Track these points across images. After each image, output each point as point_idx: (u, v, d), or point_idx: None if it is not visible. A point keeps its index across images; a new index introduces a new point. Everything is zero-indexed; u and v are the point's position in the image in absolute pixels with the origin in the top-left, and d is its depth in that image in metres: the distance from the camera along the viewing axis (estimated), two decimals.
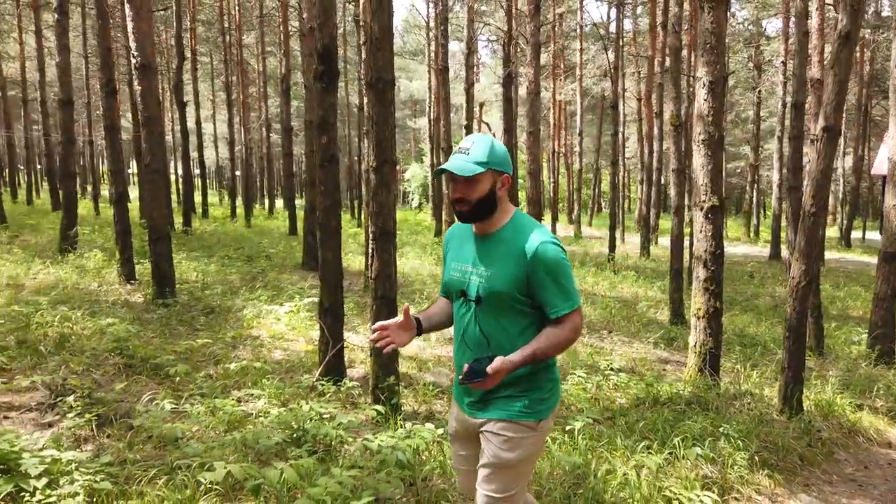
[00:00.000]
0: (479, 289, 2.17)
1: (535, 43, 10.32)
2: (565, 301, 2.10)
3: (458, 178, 2.13)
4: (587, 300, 9.93)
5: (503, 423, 2.15)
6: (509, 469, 2.16)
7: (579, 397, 5.30)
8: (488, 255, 2.18)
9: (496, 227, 2.20)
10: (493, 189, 2.15)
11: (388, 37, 4.48)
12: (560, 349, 2.12)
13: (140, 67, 7.26)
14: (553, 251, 2.10)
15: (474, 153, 2.13)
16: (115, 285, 8.64)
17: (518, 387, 2.16)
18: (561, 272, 2.10)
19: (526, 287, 2.11)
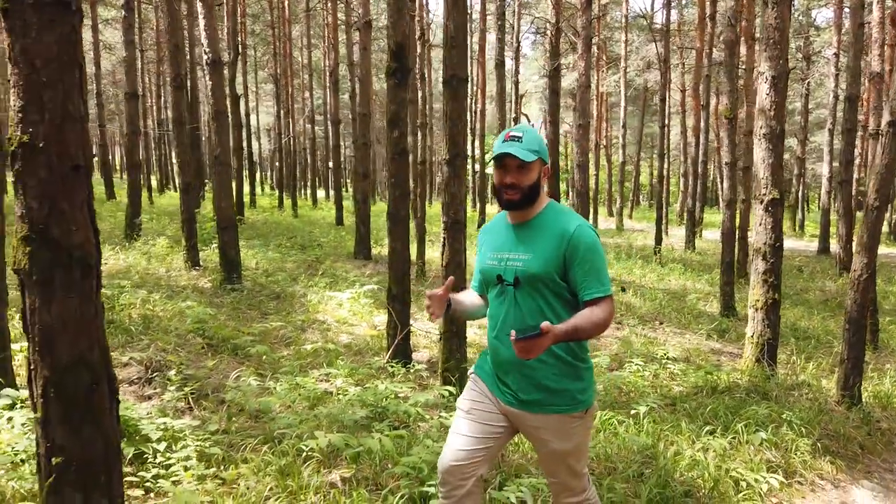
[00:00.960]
0: (516, 272, 2.22)
1: (587, 36, 10.39)
2: (600, 285, 2.16)
3: (512, 165, 2.20)
4: (636, 292, 10.02)
5: (554, 417, 2.23)
6: (569, 457, 2.29)
7: (637, 384, 5.46)
8: (526, 241, 2.24)
9: (533, 214, 2.27)
10: (539, 178, 2.25)
11: (464, 35, 4.68)
12: (597, 329, 2.13)
13: (211, 63, 7.61)
14: (590, 235, 2.19)
15: (528, 142, 2.21)
16: (181, 271, 9.06)
17: (559, 380, 2.22)
18: (597, 256, 2.17)
19: (562, 270, 2.17)
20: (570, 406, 2.22)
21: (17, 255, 2.10)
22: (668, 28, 14.11)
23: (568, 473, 2.32)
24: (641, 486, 3.40)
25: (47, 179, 2.05)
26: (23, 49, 1.98)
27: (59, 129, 2.05)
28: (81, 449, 2.18)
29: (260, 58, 32.77)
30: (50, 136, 2.03)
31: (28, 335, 2.13)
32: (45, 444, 2.16)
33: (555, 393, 2.21)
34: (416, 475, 3.14)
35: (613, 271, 12.01)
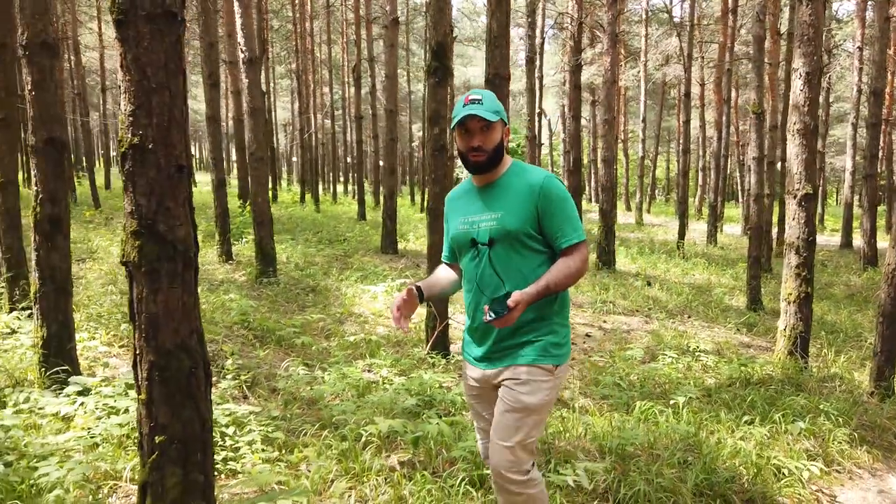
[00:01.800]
0: (490, 232, 2.23)
1: (612, 32, 10.45)
2: (574, 231, 2.20)
3: (476, 128, 2.22)
4: (662, 286, 10.11)
5: (523, 367, 2.19)
6: (529, 415, 2.18)
7: (671, 376, 5.57)
8: (496, 200, 2.25)
9: (499, 174, 2.29)
10: (502, 138, 2.27)
11: (506, 35, 4.80)
12: (572, 279, 2.17)
13: (247, 61, 7.78)
14: (557, 184, 2.22)
15: (488, 104, 2.23)
16: (215, 264, 9.28)
17: (532, 332, 2.21)
18: (568, 204, 2.22)
19: (536, 222, 2.20)
20: (541, 357, 2.20)
21: (125, 249, 2.26)
22: (692, 22, 14.09)
23: (520, 439, 2.17)
24: (687, 473, 3.53)
25: (155, 178, 2.21)
26: (135, 57, 2.14)
27: (166, 131, 2.21)
28: (181, 428, 2.35)
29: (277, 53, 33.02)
30: (158, 139, 2.20)
31: (134, 323, 2.30)
32: (148, 423, 2.33)
33: (527, 344, 2.21)
34: (472, 459, 3.29)
35: (637, 265, 12.09)
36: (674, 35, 24.92)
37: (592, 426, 4.09)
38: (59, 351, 4.18)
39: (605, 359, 6.11)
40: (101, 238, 10.60)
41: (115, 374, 4.56)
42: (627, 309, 8.58)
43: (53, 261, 4.15)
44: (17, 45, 4.14)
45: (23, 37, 3.96)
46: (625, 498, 3.20)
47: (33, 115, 4.02)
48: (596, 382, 5.31)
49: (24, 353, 4.53)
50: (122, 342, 5.27)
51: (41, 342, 4.15)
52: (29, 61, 3.96)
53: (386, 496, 3.07)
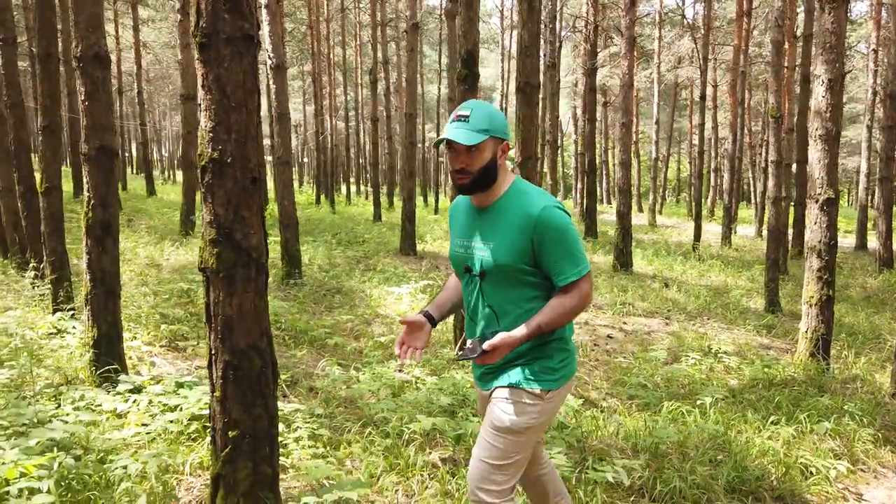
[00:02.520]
0: (482, 263, 2.09)
1: (630, 36, 10.56)
2: (573, 267, 2.02)
3: (460, 148, 2.03)
4: (679, 288, 10.21)
5: (508, 388, 2.09)
6: (509, 435, 2.05)
7: (694, 377, 5.69)
8: (489, 228, 2.09)
9: (496, 196, 2.10)
10: (494, 158, 2.06)
11: (536, 45, 4.94)
12: (567, 318, 2.04)
13: (274, 67, 7.95)
14: (557, 215, 2.01)
15: (475, 121, 2.02)
16: None
17: (525, 356, 2.10)
18: (567, 237, 2.02)
19: (531, 256, 2.03)
20: (529, 380, 2.08)
21: (203, 255, 2.42)
22: (709, 25, 14.17)
23: (493, 453, 2.05)
24: (719, 470, 3.65)
25: (232, 190, 2.36)
26: (216, 77, 2.30)
27: (242, 146, 2.36)
28: (252, 424, 2.51)
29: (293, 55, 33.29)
30: (235, 153, 2.35)
31: (210, 325, 2.46)
32: (222, 419, 2.48)
33: (516, 365, 2.11)
34: None
35: (654, 267, 12.19)
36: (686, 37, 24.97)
37: (624, 425, 4.22)
38: (109, 351, 4.35)
39: (628, 360, 6.23)
40: (126, 240, 10.80)
41: (160, 373, 4.72)
42: (647, 311, 8.69)
43: (104, 264, 4.32)
44: (60, 56, 4.31)
45: (77, 49, 4.12)
46: (661, 494, 3.33)
47: (86, 124, 4.19)
48: (622, 383, 5.44)
49: (71, 352, 4.70)
50: (162, 342, 5.44)
51: (92, 342, 4.32)
52: (83, 73, 4.13)
53: (432, 490, 3.21)
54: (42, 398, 3.77)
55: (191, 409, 3.67)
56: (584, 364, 6.06)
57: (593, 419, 4.35)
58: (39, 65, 5.29)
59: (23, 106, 6.02)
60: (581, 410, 4.56)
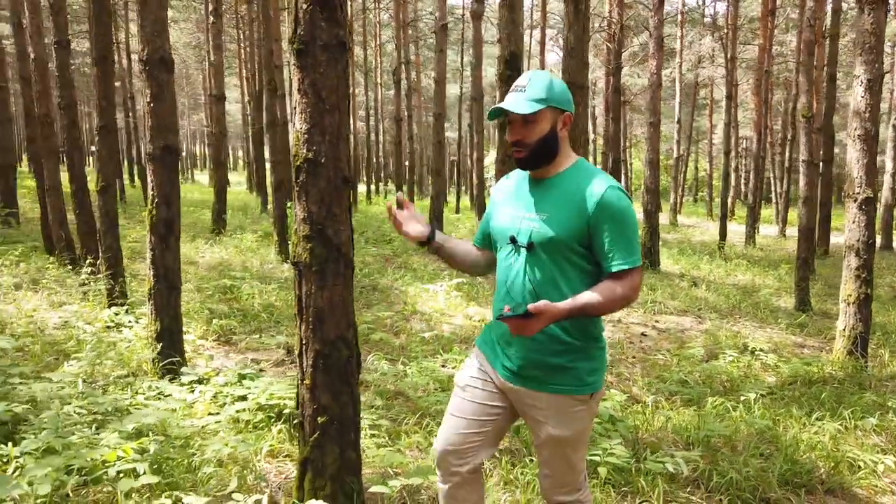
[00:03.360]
0: (531, 235, 1.97)
1: (658, 36, 10.61)
2: (628, 255, 1.91)
3: (515, 119, 1.95)
4: (708, 287, 10.26)
5: (556, 398, 1.99)
6: (568, 445, 2.05)
7: (732, 374, 5.76)
8: (546, 200, 1.99)
9: (557, 170, 2.01)
10: (553, 129, 1.96)
11: (581, 46, 5.04)
12: (614, 306, 1.92)
13: None
14: (620, 198, 1.92)
15: (532, 90, 1.94)
16: (274, 263, 9.63)
17: (567, 356, 1.98)
18: (626, 223, 1.93)
19: (586, 236, 1.93)
20: (574, 387, 1.99)
21: (297, 251, 2.55)
22: (735, 25, 14.17)
23: (564, 465, 2.09)
24: (770, 464, 3.74)
25: (325, 189, 2.49)
26: (312, 82, 2.43)
27: (335, 147, 2.49)
28: (340, 411, 2.64)
29: None
30: (329, 154, 2.48)
31: (301, 316, 2.59)
32: (312, 406, 2.61)
33: (559, 370, 1.98)
34: None
35: (681, 266, 12.23)
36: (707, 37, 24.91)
37: (672, 419, 4.31)
38: (171, 344, 4.51)
39: (665, 357, 6.31)
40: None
41: (217, 365, 4.88)
42: (678, 309, 8.75)
43: (167, 261, 4.48)
44: (116, 59, 4.45)
45: (143, 52, 4.29)
46: (717, 485, 3.42)
47: (151, 125, 4.35)
48: (662, 379, 5.52)
49: (131, 345, 4.87)
50: (215, 336, 5.60)
51: (155, 335, 4.48)
52: (149, 75, 4.29)
53: (496, 477, 3.32)
54: (115, 388, 3.93)
55: (257, 400, 3.81)
56: (622, 361, 6.15)
57: (641, 413, 4.45)
58: (96, 67, 5.47)
59: (76, 107, 6.20)
60: (626, 405, 4.66)
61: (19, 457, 2.86)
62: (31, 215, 12.87)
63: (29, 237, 10.11)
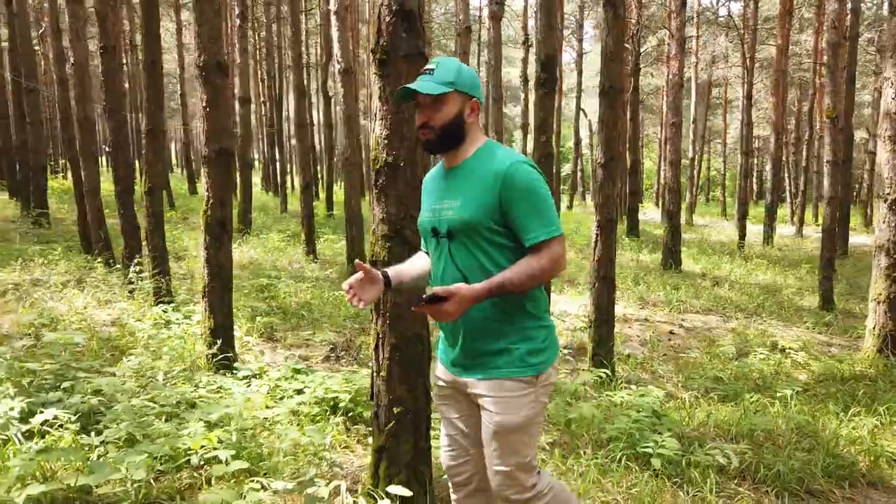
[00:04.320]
0: (448, 222, 1.98)
1: (680, 37, 10.70)
2: (542, 227, 1.90)
3: (423, 102, 1.96)
4: (731, 286, 10.34)
5: (496, 381, 1.96)
6: (516, 433, 1.97)
7: (763, 371, 5.87)
8: (457, 186, 2.00)
9: (465, 155, 2.02)
10: (460, 114, 1.97)
11: (620, 50, 5.15)
12: (537, 280, 1.89)
13: (343, 72, 8.26)
14: (525, 171, 1.91)
15: (439, 74, 1.95)
16: (303, 262, 9.80)
17: (503, 338, 1.96)
18: (535, 195, 1.90)
19: (500, 214, 1.92)
20: (515, 368, 1.95)
21: (375, 249, 2.69)
22: (754, 26, 14.22)
23: (513, 457, 1.99)
24: (812, 457, 3.84)
25: (403, 191, 2.63)
26: (392, 91, 2.56)
27: (412, 152, 2.62)
28: (414, 402, 2.77)
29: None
30: (407, 158, 2.62)
31: (379, 312, 2.72)
32: (388, 397, 2.75)
33: (498, 353, 1.97)
34: (625, 439, 3.65)
35: (701, 266, 12.31)
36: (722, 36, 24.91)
37: (713, 415, 4.42)
38: (224, 340, 4.66)
39: (696, 355, 6.41)
40: (186, 237, 11.21)
41: (267, 361, 5.03)
42: (703, 308, 8.84)
43: (221, 260, 4.63)
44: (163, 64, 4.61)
45: (200, 58, 4.44)
46: (764, 477, 3.54)
47: (207, 129, 4.50)
48: (695, 376, 5.63)
49: (183, 342, 5.03)
50: (259, 333, 5.76)
51: (209, 332, 4.64)
52: (205, 81, 4.44)
53: (550, 468, 3.45)
54: (179, 382, 4.08)
55: (314, 393, 3.95)
56: (653, 358, 6.26)
57: (683, 409, 4.56)
58: (145, 72, 5.63)
59: (121, 111, 6.38)
60: (664, 401, 4.77)
61: (99, 446, 3.01)
62: (58, 215, 13.12)
63: (62, 237, 10.33)
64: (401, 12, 2.50)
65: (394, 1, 2.50)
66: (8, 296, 6.18)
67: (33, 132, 11.17)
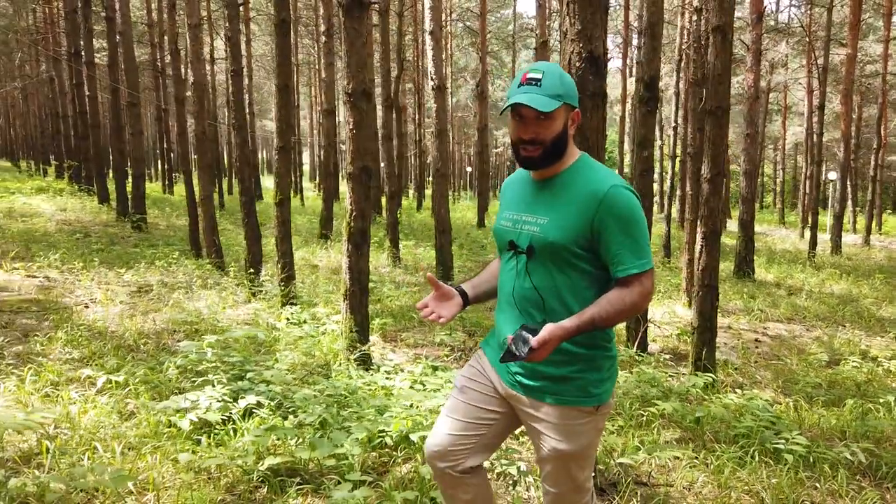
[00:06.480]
0: (531, 238, 1.86)
1: (756, 50, 10.86)
2: (636, 259, 1.78)
3: (530, 116, 1.80)
4: (807, 296, 10.44)
5: (560, 409, 1.88)
6: (573, 460, 1.92)
7: (857, 379, 6.07)
8: (546, 201, 1.87)
9: (560, 169, 1.88)
10: (566, 127, 1.85)
11: (727, 74, 5.47)
12: (625, 316, 1.80)
13: (437, 88, 8.74)
14: (626, 197, 1.78)
15: (548, 85, 1.79)
16: (388, 267, 10.31)
17: (572, 366, 1.87)
18: (633, 223, 1.78)
19: (589, 239, 1.80)
20: (579, 398, 1.88)
21: None
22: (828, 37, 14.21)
23: (568, 482, 1.96)
24: None
25: None
26: (580, 126, 2.97)
27: None
28: None
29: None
30: None
31: None
32: None
33: (564, 380, 1.87)
34: (752, 435, 3.98)
35: (773, 275, 12.39)
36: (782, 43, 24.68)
37: (825, 417, 4.70)
38: (362, 338, 5.14)
39: (787, 362, 6.64)
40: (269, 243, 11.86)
41: (395, 358, 5.50)
42: (783, 317, 9.01)
43: (361, 266, 5.12)
44: (294, 87, 5.11)
45: (348, 86, 4.93)
46: (885, 475, 3.81)
47: (352, 149, 4.99)
48: (793, 381, 5.88)
49: (316, 339, 5.53)
50: (380, 334, 6.24)
51: (350, 331, 5.12)
52: (352, 106, 4.93)
53: (683, 461, 3.79)
54: (338, 375, 4.57)
55: None
56: (747, 364, 6.52)
57: (789, 412, 4.85)
58: (278, 97, 6.19)
59: (246, 127, 6.96)
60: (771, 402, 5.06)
61: (298, 427, 3.49)
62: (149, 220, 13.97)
63: (163, 241, 11.07)
64: (590, 58, 2.91)
65: (584, 49, 2.91)
66: (145, 296, 6.81)
67: (134, 142, 11.98)
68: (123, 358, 4.67)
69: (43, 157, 27.33)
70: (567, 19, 2.95)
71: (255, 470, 3.01)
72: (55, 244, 9.07)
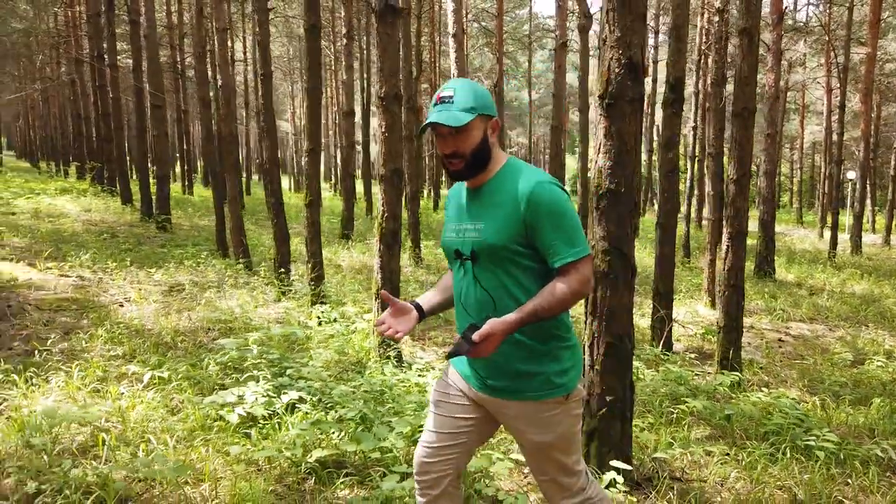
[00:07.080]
0: (473, 244, 1.96)
1: (777, 50, 10.86)
2: (570, 248, 1.87)
3: (448, 132, 1.91)
4: (829, 296, 10.43)
5: (529, 404, 1.97)
6: (555, 449, 2.02)
7: (881, 378, 6.10)
8: (481, 207, 1.98)
9: (488, 176, 1.99)
10: (485, 136, 1.95)
11: (753, 76, 5.52)
12: (568, 304, 1.87)
13: None
14: (551, 192, 1.88)
15: (460, 100, 1.91)
16: (410, 267, 10.42)
17: (532, 362, 1.95)
18: (561, 216, 1.87)
19: (525, 237, 1.90)
20: (546, 391, 1.96)
21: (596, 262, 3.18)
22: (849, 36, 14.16)
23: (557, 469, 2.06)
24: None
25: (621, 213, 3.12)
26: (618, 129, 3.06)
27: (630, 180, 3.11)
28: (623, 392, 3.25)
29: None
30: (626, 185, 3.10)
31: (595, 314, 3.22)
32: (601, 386, 3.24)
33: (526, 376, 1.96)
34: (782, 433, 4.04)
35: (794, 275, 12.37)
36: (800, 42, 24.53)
37: (853, 415, 4.74)
38: None
39: (811, 362, 6.67)
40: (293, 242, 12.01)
41: (424, 356, 5.61)
42: (805, 317, 9.02)
43: (392, 265, 5.23)
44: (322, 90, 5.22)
45: (381, 90, 5.04)
46: None
47: (384, 152, 5.11)
48: (818, 381, 5.92)
49: (346, 337, 5.64)
50: None
51: None
52: (384, 110, 5.04)
53: (715, 457, 3.87)
54: (373, 372, 4.68)
55: None
56: (772, 364, 6.56)
57: (816, 410, 4.90)
58: (307, 100, 6.31)
59: (275, 131, 7.09)
60: (798, 401, 5.11)
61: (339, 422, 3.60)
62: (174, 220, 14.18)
63: (189, 241, 11.26)
64: (629, 65, 3.00)
65: (623, 55, 3.00)
66: (177, 295, 6.96)
67: (159, 144, 12.18)
68: (164, 355, 4.82)
69: (63, 159, 27.71)
70: (606, 27, 3.04)
71: (303, 462, 3.12)
72: (84, 244, 9.26)
